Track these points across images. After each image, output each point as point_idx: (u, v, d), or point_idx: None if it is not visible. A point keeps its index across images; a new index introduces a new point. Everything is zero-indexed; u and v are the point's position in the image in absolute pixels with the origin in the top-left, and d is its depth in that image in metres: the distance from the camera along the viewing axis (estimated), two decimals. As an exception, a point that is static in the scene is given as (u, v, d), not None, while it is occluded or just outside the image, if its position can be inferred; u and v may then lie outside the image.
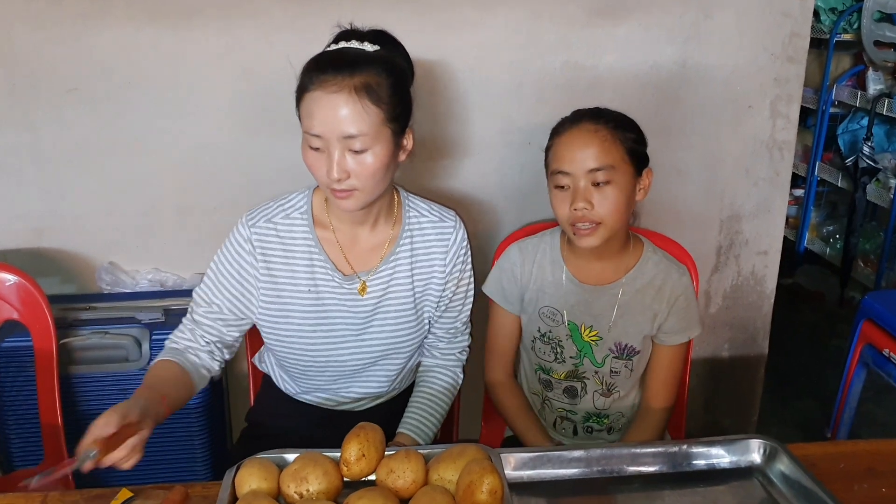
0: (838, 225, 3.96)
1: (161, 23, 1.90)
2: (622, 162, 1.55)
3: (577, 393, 1.73)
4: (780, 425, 2.88)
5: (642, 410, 1.74)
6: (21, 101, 1.93)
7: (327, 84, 1.35)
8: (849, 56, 3.86)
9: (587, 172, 1.53)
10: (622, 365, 1.69)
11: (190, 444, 1.99)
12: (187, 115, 1.99)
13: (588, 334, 1.68)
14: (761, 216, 2.28)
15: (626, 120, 1.61)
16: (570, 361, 1.71)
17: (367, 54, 1.41)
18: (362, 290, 1.55)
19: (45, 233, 2.05)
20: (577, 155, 1.54)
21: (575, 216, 1.55)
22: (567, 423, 1.76)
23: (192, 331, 1.56)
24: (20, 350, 1.85)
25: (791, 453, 1.31)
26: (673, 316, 1.66)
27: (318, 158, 1.39)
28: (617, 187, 1.54)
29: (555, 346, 1.71)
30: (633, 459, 1.36)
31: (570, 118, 1.62)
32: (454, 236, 1.60)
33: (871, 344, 2.03)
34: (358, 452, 1.23)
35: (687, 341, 1.70)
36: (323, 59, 1.40)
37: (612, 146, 1.54)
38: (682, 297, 1.66)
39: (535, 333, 1.73)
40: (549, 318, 1.70)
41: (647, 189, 1.63)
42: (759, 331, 2.42)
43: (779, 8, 2.08)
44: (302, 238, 1.53)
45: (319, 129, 1.37)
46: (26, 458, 1.92)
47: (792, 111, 2.19)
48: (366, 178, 1.40)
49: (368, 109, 1.36)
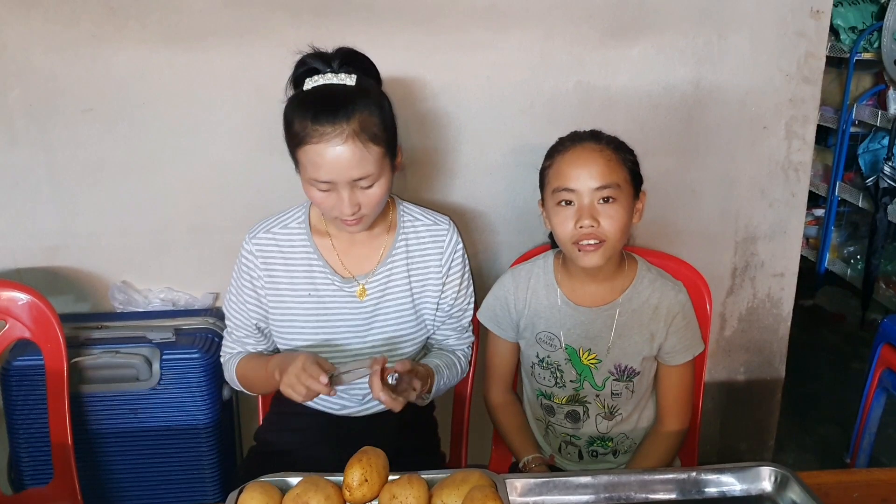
0: (859, 245, 3.91)
1: (175, 44, 1.92)
2: (625, 182, 1.55)
3: (580, 417, 1.71)
4: (799, 450, 2.83)
5: (653, 432, 1.72)
6: (37, 120, 1.95)
7: (327, 136, 1.39)
8: (869, 75, 3.82)
9: (593, 190, 1.53)
10: (623, 387, 1.68)
11: (199, 465, 1.99)
12: (201, 134, 2.00)
13: (587, 357, 1.67)
14: (777, 238, 2.25)
15: (623, 143, 1.62)
16: (571, 386, 1.69)
17: (353, 90, 1.43)
18: (361, 294, 1.61)
19: (59, 251, 2.07)
20: (583, 172, 1.54)
21: (580, 234, 1.54)
22: (572, 447, 1.75)
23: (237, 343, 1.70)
24: (31, 369, 1.86)
25: (802, 482, 1.28)
26: (673, 335, 1.64)
27: (328, 197, 1.47)
28: (621, 206, 1.54)
29: (554, 371, 1.70)
30: (642, 486, 1.33)
31: (570, 137, 1.63)
32: (448, 237, 1.66)
33: (890, 368, 1.99)
34: (360, 477, 1.22)
35: (692, 359, 1.68)
36: (314, 106, 1.41)
37: (616, 166, 1.55)
38: (679, 314, 1.65)
39: (534, 359, 1.72)
40: (546, 343, 1.69)
41: (641, 213, 1.63)
42: (775, 354, 2.38)
43: (793, 28, 2.06)
44: (300, 246, 1.62)
45: (328, 177, 1.43)
46: (36, 476, 1.92)
47: (808, 132, 2.16)
48: (374, 206, 1.50)
49: (371, 150, 1.42)
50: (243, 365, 1.67)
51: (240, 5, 1.91)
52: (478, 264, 2.16)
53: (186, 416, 1.95)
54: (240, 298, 1.65)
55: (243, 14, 1.92)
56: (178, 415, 1.95)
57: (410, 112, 2.00)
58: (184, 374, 1.94)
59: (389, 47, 1.92)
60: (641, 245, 1.84)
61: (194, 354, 1.93)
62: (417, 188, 2.09)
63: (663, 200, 2.15)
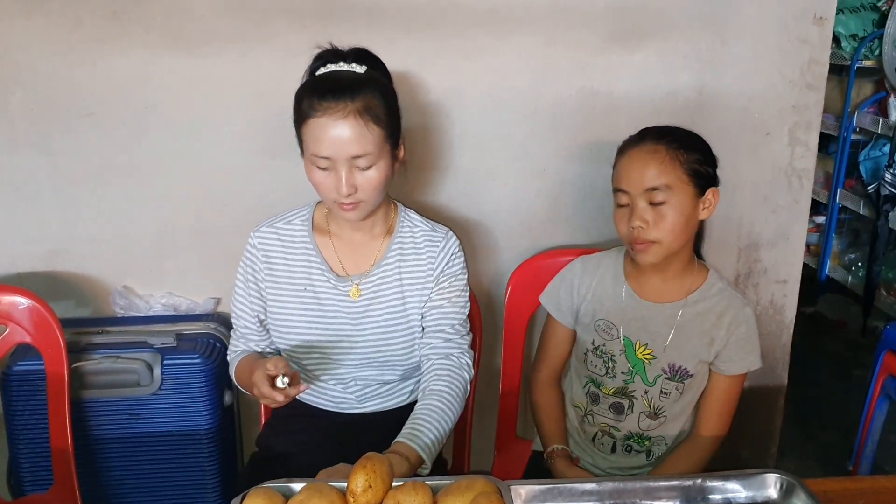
0: (860, 253, 3.90)
1: (178, 48, 1.92)
2: (680, 182, 1.56)
3: (624, 410, 1.71)
4: (801, 458, 2.83)
5: (691, 436, 1.73)
6: (38, 124, 1.95)
7: (331, 110, 1.45)
8: (870, 82, 3.82)
9: (644, 192, 1.56)
10: (673, 387, 1.68)
11: (200, 471, 1.98)
12: (203, 139, 2.00)
13: (642, 352, 1.67)
14: (780, 244, 2.25)
15: (693, 139, 1.63)
16: (622, 377, 1.70)
17: (361, 76, 1.51)
18: (355, 293, 1.64)
19: (60, 256, 2.06)
20: (635, 174, 1.58)
21: (631, 235, 1.59)
22: (608, 438, 1.75)
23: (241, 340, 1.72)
24: (32, 374, 1.85)
25: (808, 489, 1.27)
26: (733, 344, 1.65)
27: (327, 177, 1.51)
28: (674, 207, 1.56)
29: (607, 361, 1.70)
30: (647, 493, 1.32)
31: (635, 137, 1.65)
32: (444, 244, 1.67)
33: (893, 375, 1.98)
34: (364, 483, 1.21)
35: (744, 373, 1.69)
36: (321, 86, 1.49)
37: (670, 166, 1.56)
38: (743, 326, 1.66)
39: (589, 346, 1.73)
40: (604, 331, 1.70)
41: (711, 208, 1.63)
42: (778, 361, 2.37)
43: (797, 35, 2.06)
44: (301, 241, 1.67)
45: (328, 153, 1.47)
46: (36, 482, 1.91)
47: (811, 139, 2.16)
48: (371, 190, 1.52)
49: (372, 130, 1.47)
50: (241, 365, 1.69)
51: (242, 10, 1.91)
52: (478, 270, 2.15)
53: (188, 421, 1.95)
54: (244, 292, 1.69)
55: (246, 19, 1.92)
56: (180, 420, 1.95)
57: (412, 117, 1.99)
58: (185, 380, 1.93)
59: (391, 53, 1.90)
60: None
61: (195, 360, 1.93)
62: (419, 193, 2.08)
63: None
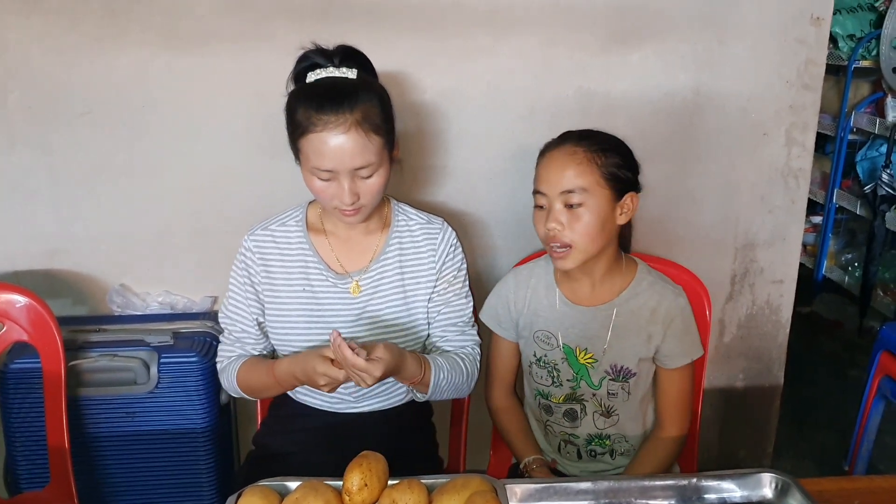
0: (857, 253, 3.91)
1: (176, 47, 1.92)
2: (597, 185, 1.56)
3: (577, 415, 1.72)
4: (797, 457, 2.83)
5: (652, 437, 1.72)
6: (36, 123, 1.95)
7: (331, 124, 1.44)
8: (867, 83, 3.83)
9: (560, 194, 1.56)
10: (619, 387, 1.68)
11: (196, 469, 1.98)
12: (201, 138, 2.00)
13: (583, 357, 1.67)
14: (777, 244, 2.25)
15: (614, 143, 1.62)
16: (567, 385, 1.70)
17: (356, 83, 1.49)
18: (355, 290, 1.64)
19: (57, 254, 2.06)
20: (553, 176, 1.57)
21: (548, 235, 1.59)
22: (571, 446, 1.75)
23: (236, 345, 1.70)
24: (29, 372, 1.84)
25: (804, 489, 1.28)
26: (670, 338, 1.65)
27: (328, 186, 1.51)
28: (590, 210, 1.55)
29: (551, 370, 1.71)
30: (643, 492, 1.33)
31: (556, 139, 1.65)
32: (441, 235, 1.68)
33: (889, 376, 1.99)
34: (360, 482, 1.21)
35: (690, 363, 1.68)
36: (318, 97, 1.46)
37: (587, 169, 1.55)
38: (677, 318, 1.65)
39: (532, 358, 1.73)
40: (544, 342, 1.70)
41: (630, 213, 1.62)
42: (774, 361, 2.38)
43: (794, 35, 2.07)
44: (297, 242, 1.66)
45: (330, 165, 1.46)
46: (33, 479, 1.91)
47: (808, 139, 2.16)
48: (372, 196, 1.53)
49: (372, 140, 1.46)
50: (247, 369, 1.66)
51: (241, 10, 1.91)
52: (477, 269, 2.15)
53: (184, 419, 1.95)
54: (239, 296, 1.68)
55: (245, 18, 1.92)
56: (176, 419, 1.94)
57: (411, 116, 2.00)
58: (182, 378, 1.93)
59: (390, 52, 1.92)
60: (641, 251, 1.84)
61: (192, 358, 1.92)
62: (417, 192, 2.08)
63: (663, 206, 2.15)
